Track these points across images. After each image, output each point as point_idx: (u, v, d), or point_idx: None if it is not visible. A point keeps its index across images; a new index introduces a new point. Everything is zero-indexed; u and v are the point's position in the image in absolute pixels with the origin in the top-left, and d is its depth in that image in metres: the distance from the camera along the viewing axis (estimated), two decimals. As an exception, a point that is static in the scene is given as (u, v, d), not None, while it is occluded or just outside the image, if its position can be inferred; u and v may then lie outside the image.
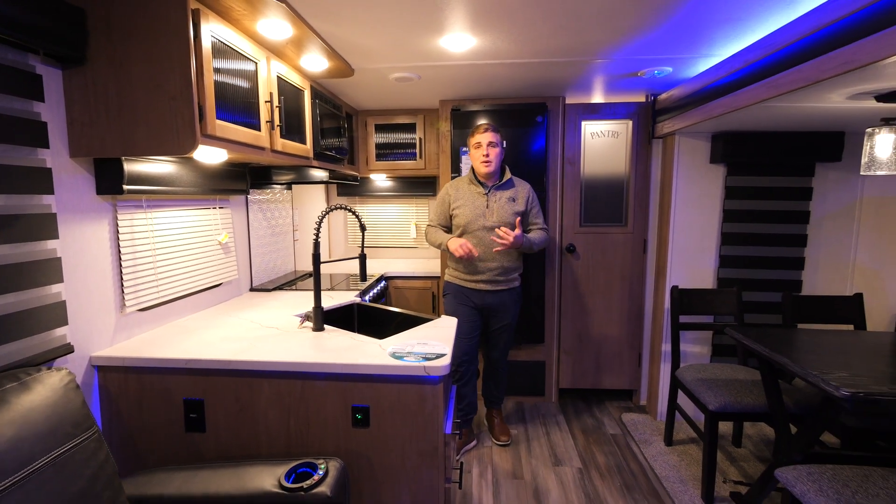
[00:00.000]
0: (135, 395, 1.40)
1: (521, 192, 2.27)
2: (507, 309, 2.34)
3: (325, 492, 1.13)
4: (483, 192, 2.24)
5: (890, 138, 1.51)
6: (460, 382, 2.37)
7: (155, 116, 1.26)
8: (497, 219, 2.21)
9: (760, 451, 2.34)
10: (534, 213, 2.30)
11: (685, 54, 1.95)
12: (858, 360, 1.52)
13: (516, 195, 2.25)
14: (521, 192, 2.27)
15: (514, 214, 2.21)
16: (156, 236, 1.64)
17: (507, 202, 2.23)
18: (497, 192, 2.25)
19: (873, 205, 2.36)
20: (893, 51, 1.10)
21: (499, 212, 2.22)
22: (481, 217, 2.23)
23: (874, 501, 1.23)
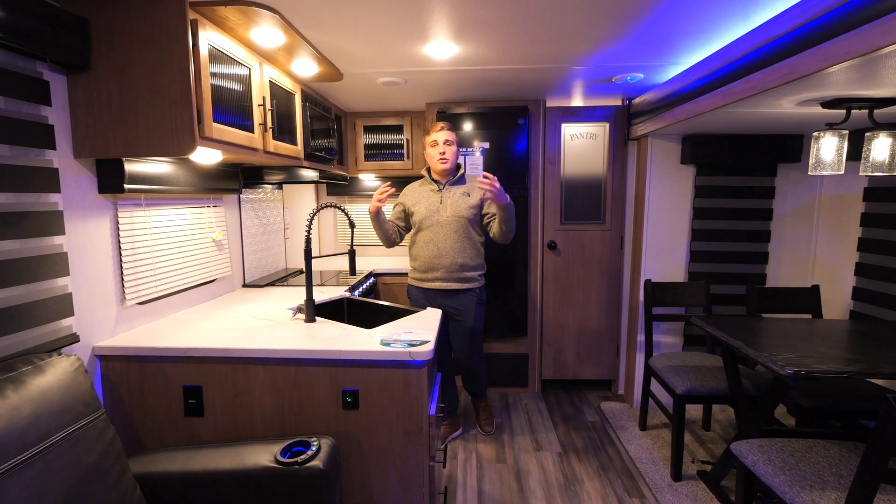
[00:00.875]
0: (136, 382, 1.49)
1: (474, 186, 2.25)
2: (467, 313, 2.29)
3: (318, 465, 1.23)
4: (437, 189, 2.29)
5: (833, 142, 1.66)
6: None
7: (155, 119, 1.35)
8: (451, 213, 2.24)
9: (727, 434, 2.49)
10: (488, 203, 2.24)
11: (654, 62, 2.09)
12: (807, 344, 1.67)
13: (471, 190, 2.26)
14: (475, 186, 2.24)
15: (468, 208, 2.23)
16: (154, 233, 1.72)
17: (462, 197, 2.25)
18: (451, 188, 2.28)
19: (830, 202, 2.53)
20: (825, 64, 1.24)
21: (452, 207, 2.24)
22: (435, 213, 2.26)
23: (814, 468, 1.37)
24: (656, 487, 2.05)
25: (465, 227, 2.25)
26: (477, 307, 2.32)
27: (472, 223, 2.26)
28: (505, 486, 2.10)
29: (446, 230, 2.24)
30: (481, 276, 2.34)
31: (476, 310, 2.32)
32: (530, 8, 1.49)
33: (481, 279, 2.34)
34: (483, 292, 2.37)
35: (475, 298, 2.31)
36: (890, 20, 1.03)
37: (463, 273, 2.27)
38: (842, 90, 1.53)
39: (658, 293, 2.49)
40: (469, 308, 2.30)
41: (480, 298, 2.34)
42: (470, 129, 2.80)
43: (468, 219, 2.24)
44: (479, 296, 2.33)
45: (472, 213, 2.24)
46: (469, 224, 2.25)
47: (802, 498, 1.27)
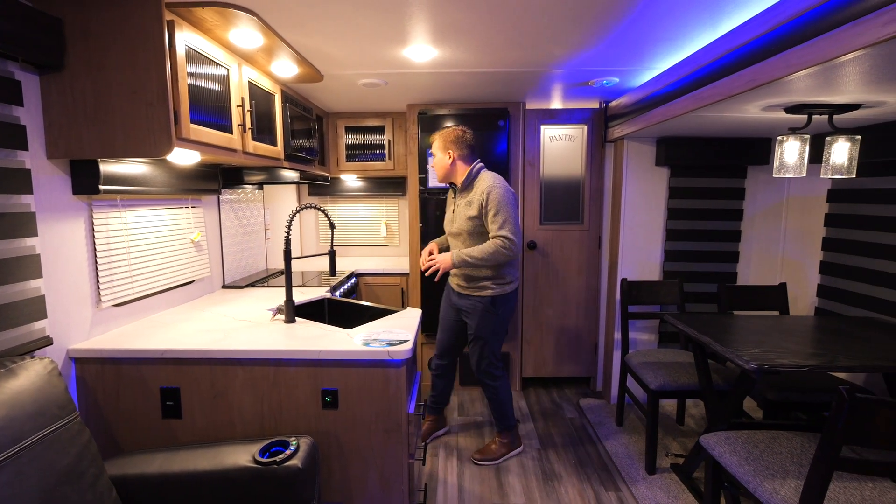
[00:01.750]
0: (112, 385, 1.47)
1: (476, 194, 2.06)
2: (474, 318, 2.17)
3: (297, 464, 1.24)
4: (453, 196, 2.23)
5: (796, 145, 1.73)
6: (435, 373, 2.43)
7: (132, 120, 1.34)
8: (458, 226, 2.13)
9: (700, 427, 2.57)
10: (489, 219, 2.01)
11: (629, 66, 2.14)
12: (772, 340, 1.74)
13: (472, 199, 2.07)
14: (476, 195, 2.05)
15: (468, 220, 2.08)
16: (130, 234, 1.71)
17: (465, 207, 2.10)
18: (460, 196, 2.16)
19: (797, 204, 2.63)
20: (785, 72, 1.30)
21: (458, 218, 2.13)
22: (449, 223, 2.21)
23: (777, 458, 1.44)
24: (631, 481, 2.11)
25: (469, 238, 2.12)
26: (483, 315, 2.14)
27: (475, 235, 2.10)
28: (485, 482, 2.14)
29: (456, 241, 2.18)
30: (497, 284, 2.13)
31: (482, 317, 2.15)
32: (507, 13, 1.53)
33: (496, 288, 2.12)
34: (498, 302, 2.13)
35: (482, 306, 2.14)
36: (840, 32, 1.09)
37: (469, 282, 2.16)
38: (803, 96, 1.60)
39: (634, 292, 2.56)
40: (474, 313, 2.16)
41: (490, 307, 2.13)
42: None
43: (468, 231, 2.10)
44: (488, 304, 2.13)
45: (472, 224, 2.08)
46: (471, 236, 2.10)
47: (765, 487, 1.33)
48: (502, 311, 2.17)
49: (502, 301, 2.15)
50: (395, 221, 3.61)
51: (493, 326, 2.17)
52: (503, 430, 2.32)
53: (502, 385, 2.27)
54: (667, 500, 1.96)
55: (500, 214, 1.99)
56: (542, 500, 2.01)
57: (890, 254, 2.08)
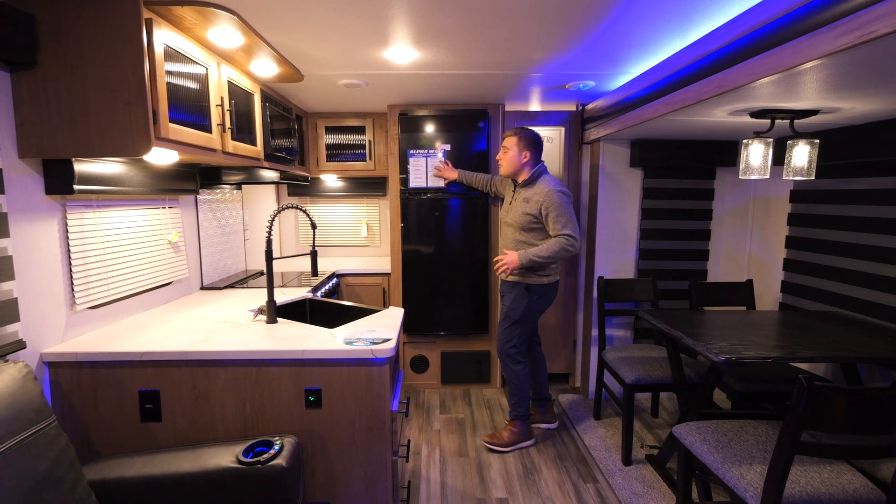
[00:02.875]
0: (88, 389, 1.44)
1: (537, 194, 2.22)
2: (508, 298, 2.34)
3: (281, 463, 1.25)
4: (513, 189, 2.38)
5: (760, 148, 1.82)
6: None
7: (109, 119, 1.32)
8: (512, 217, 2.31)
9: (673, 419, 2.66)
10: (550, 220, 2.18)
11: (604, 70, 2.21)
12: (739, 333, 1.83)
13: (532, 197, 2.23)
14: (537, 195, 2.22)
15: (524, 215, 2.24)
16: (105, 235, 1.67)
17: (522, 202, 2.26)
18: (520, 190, 2.32)
19: (762, 204, 2.76)
20: (749, 79, 1.37)
21: (514, 210, 2.30)
22: (505, 212, 2.40)
23: (743, 445, 1.52)
24: (608, 473, 2.17)
25: (520, 231, 2.27)
26: (517, 297, 2.30)
27: (527, 229, 2.25)
28: (467, 478, 2.17)
29: (508, 230, 2.34)
30: (539, 275, 2.28)
31: (514, 299, 2.31)
32: (486, 17, 1.56)
33: (534, 276, 2.28)
34: (533, 288, 2.28)
35: (517, 290, 2.30)
36: (799, 42, 1.16)
37: (517, 271, 2.28)
38: (766, 102, 1.69)
39: (610, 290, 2.63)
40: (509, 294, 2.34)
41: (524, 292, 2.29)
42: (432, 131, 2.85)
43: (521, 224, 2.26)
44: (522, 289, 2.30)
45: (526, 219, 2.24)
46: (523, 229, 2.26)
47: (732, 472, 1.41)
48: (535, 300, 2.31)
49: (536, 289, 2.30)
50: (375, 221, 3.61)
51: (523, 311, 2.30)
52: (515, 417, 2.40)
53: (522, 371, 2.37)
54: (642, 490, 2.03)
55: (562, 216, 2.18)
56: (522, 494, 2.05)
57: (848, 251, 2.20)
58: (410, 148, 2.87)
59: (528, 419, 2.43)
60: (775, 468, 1.24)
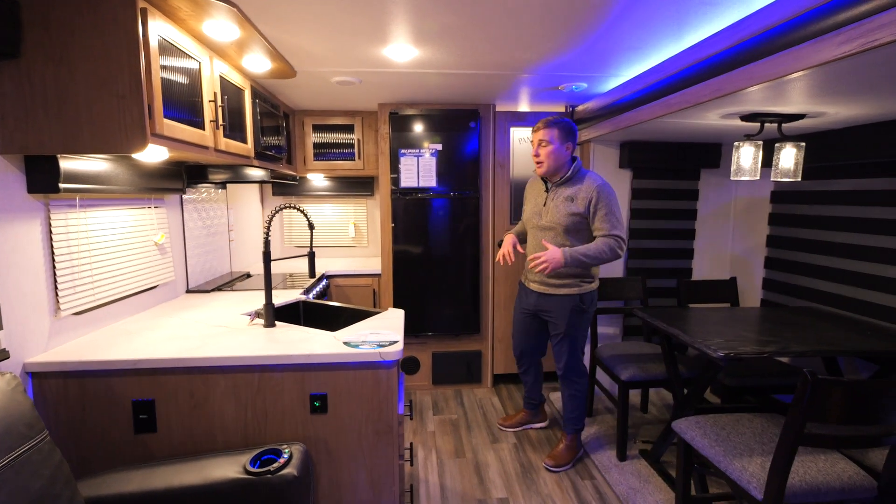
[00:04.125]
0: (76, 400, 1.36)
1: (583, 190, 2.02)
2: (559, 317, 2.13)
3: (293, 472, 1.21)
4: (545, 189, 2.16)
5: (751, 150, 1.88)
6: (520, 370, 2.50)
7: (101, 114, 1.25)
8: (550, 219, 2.08)
9: (663, 414, 2.73)
10: (599, 218, 1.99)
11: (597, 73, 2.24)
12: (731, 330, 1.89)
13: (577, 194, 2.02)
14: (583, 192, 2.01)
15: (568, 215, 2.02)
16: (91, 237, 1.58)
17: (564, 201, 2.04)
18: (558, 189, 2.09)
19: (744, 204, 2.86)
20: (749, 83, 1.41)
21: (553, 211, 2.07)
22: (537, 215, 2.15)
23: (742, 438, 1.56)
24: (605, 469, 2.21)
25: (563, 234, 2.06)
26: (573, 313, 2.11)
27: (572, 231, 2.05)
28: (466, 479, 2.16)
29: (546, 234, 2.11)
30: (583, 282, 2.11)
31: (572, 315, 2.12)
32: (493, 17, 1.55)
33: (582, 285, 2.11)
34: (586, 300, 2.12)
35: (571, 304, 2.11)
36: (800, 49, 1.21)
37: (556, 279, 2.12)
38: (757, 106, 1.75)
39: (601, 288, 2.67)
40: (562, 312, 2.12)
41: (580, 305, 2.11)
42: (422, 130, 2.83)
43: (566, 226, 2.04)
44: (576, 302, 2.11)
45: (572, 220, 2.02)
46: (567, 232, 2.05)
47: (735, 465, 1.45)
48: (589, 308, 2.16)
49: (590, 299, 2.15)
50: (363, 222, 3.56)
51: (583, 324, 2.17)
52: (573, 431, 2.27)
53: (585, 383, 2.25)
54: (639, 485, 2.06)
55: (612, 214, 2.00)
56: (522, 493, 2.06)
57: (827, 250, 2.31)
58: (401, 147, 2.84)
59: (581, 433, 2.32)
60: (779, 459, 1.28)
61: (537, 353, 2.43)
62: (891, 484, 1.34)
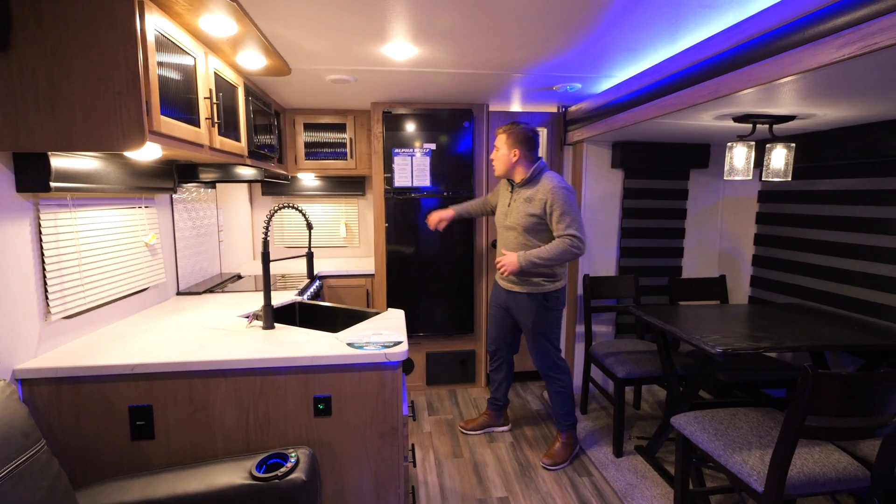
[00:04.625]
0: (69, 407, 1.31)
1: (539, 192, 2.07)
2: (526, 313, 2.19)
3: (301, 477, 1.18)
4: (510, 190, 2.23)
5: (743, 151, 1.93)
6: (491, 367, 2.52)
7: (96, 110, 1.20)
8: (513, 220, 2.15)
9: (655, 411, 2.77)
10: (555, 219, 2.03)
11: (592, 73, 2.26)
12: (725, 326, 1.93)
13: (534, 196, 2.08)
14: (540, 193, 2.07)
15: (527, 216, 2.09)
16: (80, 238, 1.53)
17: (524, 203, 2.11)
18: (519, 190, 2.17)
19: (731, 203, 2.93)
20: (747, 85, 1.44)
21: (515, 212, 2.14)
22: (503, 216, 2.23)
23: (740, 432, 1.60)
24: (602, 465, 2.23)
25: (524, 234, 2.12)
26: (539, 310, 2.17)
27: (532, 231, 2.11)
28: (465, 479, 2.16)
29: (510, 234, 2.18)
30: (548, 281, 2.16)
31: (537, 312, 2.17)
32: (496, 17, 1.55)
33: (547, 284, 2.16)
34: (551, 297, 2.17)
35: (536, 301, 2.17)
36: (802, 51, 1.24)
37: (521, 277, 2.17)
38: (750, 108, 1.79)
39: (596, 287, 2.70)
40: (528, 310, 2.18)
41: (544, 303, 2.17)
42: (416, 130, 2.82)
43: (525, 227, 2.11)
44: (541, 300, 2.16)
45: (530, 221, 2.09)
46: (527, 232, 2.12)
47: (735, 458, 1.48)
48: (555, 307, 2.20)
49: (555, 297, 2.19)
50: (354, 222, 3.52)
51: (549, 321, 2.20)
52: (566, 428, 2.28)
53: (567, 378, 2.26)
54: (636, 480, 2.09)
55: (567, 214, 2.03)
56: (522, 492, 2.06)
57: (813, 247, 2.37)
58: (395, 147, 2.82)
59: (575, 426, 2.32)
60: (780, 452, 1.31)
61: (511, 349, 2.45)
62: (884, 473, 1.38)
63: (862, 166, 2.12)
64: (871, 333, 1.84)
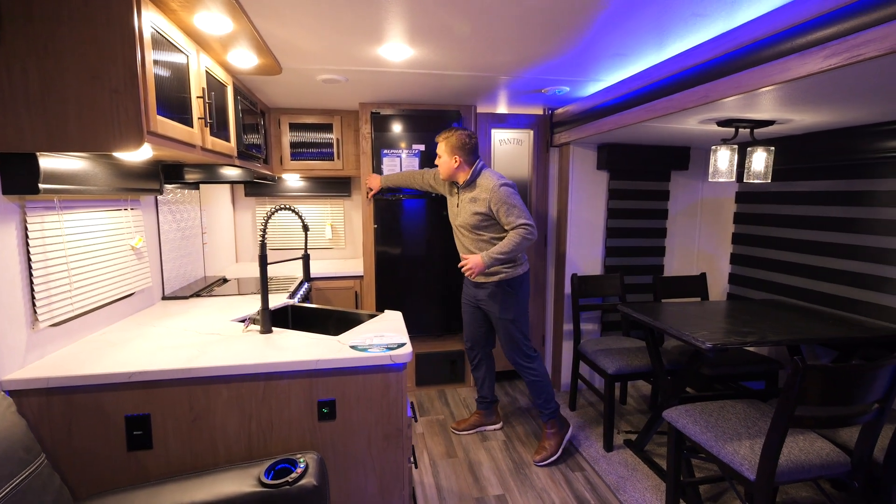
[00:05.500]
0: (61, 418, 1.25)
1: (482, 191, 2.20)
2: (493, 302, 2.28)
3: (312, 482, 1.17)
4: (455, 191, 2.34)
5: (727, 154, 2.01)
6: (472, 365, 2.56)
7: (92, 110, 1.16)
8: (462, 219, 2.27)
9: (641, 406, 2.86)
10: (502, 215, 2.15)
11: (580, 77, 2.31)
12: (709, 322, 2.01)
13: (478, 196, 2.21)
14: (482, 193, 2.19)
15: (473, 215, 2.21)
16: (68, 241, 1.46)
17: (469, 203, 2.24)
18: (463, 192, 2.28)
19: (709, 204, 3.04)
20: (735, 91, 1.51)
21: (463, 212, 2.26)
22: (454, 216, 2.35)
23: (729, 423, 1.67)
24: (593, 460, 2.28)
25: (475, 231, 2.24)
26: (503, 298, 2.26)
27: (481, 227, 2.23)
28: (461, 478, 2.17)
29: (463, 232, 2.30)
30: (508, 268, 2.25)
31: (502, 301, 2.26)
32: (494, 20, 1.57)
33: (509, 271, 2.25)
34: (514, 283, 2.26)
35: (500, 290, 2.26)
36: (790, 59, 1.30)
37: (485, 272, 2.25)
38: (734, 113, 1.87)
39: (583, 286, 2.76)
40: (493, 299, 2.28)
41: (507, 289, 2.26)
42: (404, 130, 2.81)
43: (474, 225, 2.23)
44: (504, 287, 2.26)
45: (477, 219, 2.21)
46: (477, 229, 2.24)
47: (727, 449, 1.54)
48: (519, 292, 2.28)
49: (518, 282, 2.28)
50: (340, 223, 3.49)
51: (514, 308, 2.28)
52: (549, 417, 2.32)
53: (539, 366, 2.32)
54: (627, 474, 2.15)
55: (513, 208, 2.14)
56: (518, 489, 2.09)
57: (788, 246, 2.49)
58: (384, 147, 2.81)
59: (559, 412, 2.35)
60: (771, 441, 1.38)
61: (487, 343, 2.50)
62: (863, 458, 1.47)
63: (833, 169, 2.25)
64: (845, 327, 1.95)
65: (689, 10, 1.45)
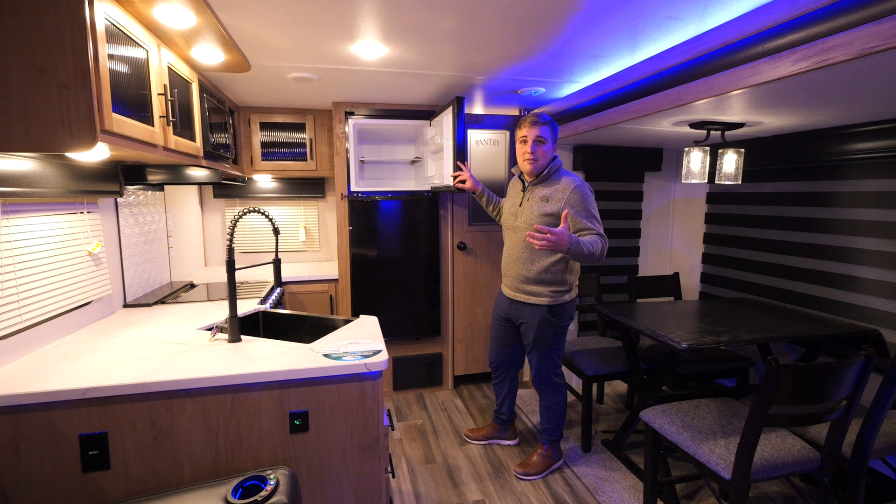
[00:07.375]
0: (7, 440, 1.16)
1: (559, 190, 1.92)
2: (528, 328, 2.04)
3: (283, 500, 1.11)
4: (521, 188, 2.06)
5: (699, 156, 2.04)
6: (494, 382, 2.40)
7: (38, 106, 1.08)
8: (524, 220, 1.98)
9: (617, 406, 2.88)
10: (581, 218, 1.88)
11: (556, 79, 2.31)
12: (684, 322, 2.03)
13: (552, 194, 1.92)
14: (560, 191, 1.91)
15: (542, 216, 1.92)
16: (15, 248, 1.36)
17: (539, 202, 1.95)
18: (534, 189, 1.99)
19: (681, 205, 3.10)
20: (708, 94, 1.53)
21: (528, 212, 1.98)
22: (513, 216, 2.07)
23: (704, 422, 1.69)
24: (571, 461, 2.28)
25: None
26: (541, 326, 2.00)
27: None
28: (440, 485, 2.14)
29: (519, 236, 2.01)
30: (555, 293, 1.97)
31: (539, 329, 2.00)
32: (472, 20, 1.54)
33: (555, 296, 1.97)
34: (557, 311, 1.99)
35: (540, 315, 1.99)
36: (762, 63, 1.32)
37: (526, 286, 2.01)
38: (706, 115, 1.90)
39: (560, 286, 2.76)
40: (531, 324, 2.03)
41: (549, 317, 1.99)
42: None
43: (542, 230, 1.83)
44: (545, 314, 1.98)
45: (544, 221, 1.90)
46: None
47: (703, 449, 1.55)
48: (561, 321, 2.02)
49: (560, 311, 2.01)
50: (314, 225, 3.40)
51: (553, 338, 2.04)
52: (550, 441, 2.20)
53: (562, 398, 2.15)
54: (605, 474, 2.16)
55: (594, 217, 1.92)
56: (497, 493, 2.07)
57: (757, 245, 2.56)
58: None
59: (560, 442, 2.25)
60: (746, 440, 1.40)
61: (513, 365, 2.32)
62: (832, 454, 1.51)
63: (800, 170, 2.32)
64: (812, 324, 2.00)
65: (663, 12, 1.46)
